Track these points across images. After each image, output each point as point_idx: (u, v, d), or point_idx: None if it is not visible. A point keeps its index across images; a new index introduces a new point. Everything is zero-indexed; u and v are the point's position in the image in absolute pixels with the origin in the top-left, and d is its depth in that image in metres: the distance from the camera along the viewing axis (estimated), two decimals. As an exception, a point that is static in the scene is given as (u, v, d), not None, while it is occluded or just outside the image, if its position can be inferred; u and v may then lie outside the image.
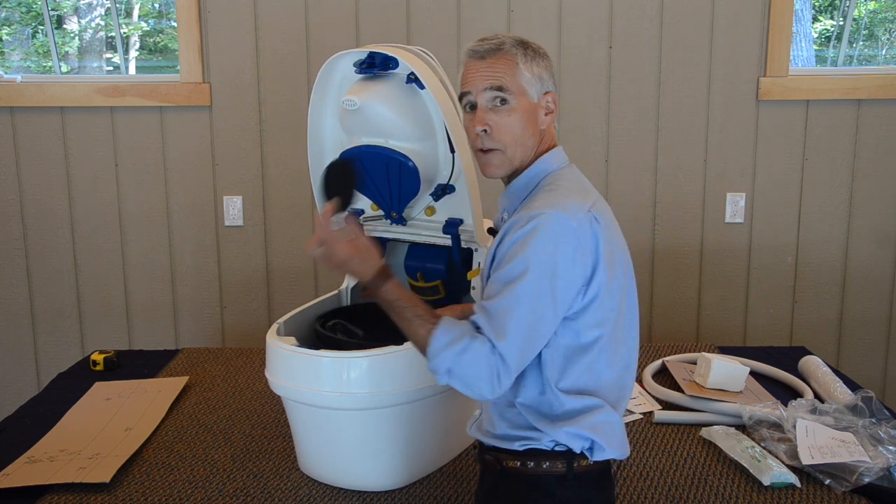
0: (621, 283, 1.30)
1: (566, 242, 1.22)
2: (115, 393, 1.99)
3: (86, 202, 2.84)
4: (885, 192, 2.80)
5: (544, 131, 1.37)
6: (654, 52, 2.73)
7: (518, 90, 1.31)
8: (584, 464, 1.28)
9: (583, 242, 1.24)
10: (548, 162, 1.36)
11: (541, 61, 1.34)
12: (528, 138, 1.34)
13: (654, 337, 2.87)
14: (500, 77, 1.31)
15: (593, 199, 1.31)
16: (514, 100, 1.31)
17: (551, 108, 1.36)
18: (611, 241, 1.29)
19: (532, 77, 1.32)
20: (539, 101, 1.34)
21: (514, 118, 1.32)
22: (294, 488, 1.56)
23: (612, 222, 1.34)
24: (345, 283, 1.92)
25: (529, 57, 1.32)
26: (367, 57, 1.67)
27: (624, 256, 1.34)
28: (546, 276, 1.21)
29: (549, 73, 1.36)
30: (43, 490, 1.52)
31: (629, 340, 1.35)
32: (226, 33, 2.74)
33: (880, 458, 1.54)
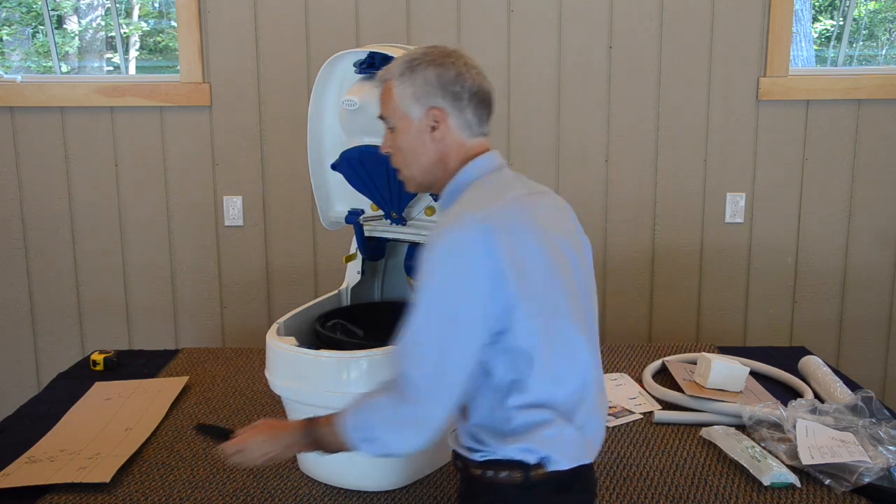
0: (543, 290, 1.23)
1: (457, 264, 1.19)
2: (115, 393, 1.99)
3: (86, 202, 2.84)
4: (885, 192, 2.80)
5: (446, 145, 1.33)
6: (654, 52, 2.73)
7: (398, 115, 1.34)
8: (541, 472, 1.24)
9: (475, 258, 1.18)
10: (465, 175, 1.33)
11: (421, 77, 1.31)
12: (419, 158, 1.34)
13: (654, 337, 2.87)
14: (383, 105, 1.36)
15: (497, 206, 1.24)
16: (397, 125, 1.34)
17: (435, 124, 1.32)
18: (522, 247, 1.22)
19: (408, 99, 1.32)
20: (422, 119, 1.32)
21: (401, 142, 1.35)
22: (294, 488, 1.56)
23: (526, 225, 1.25)
24: (345, 284, 1.92)
25: (407, 78, 1.31)
26: (367, 57, 1.67)
27: (554, 261, 1.27)
28: (444, 308, 1.19)
29: (435, 87, 1.31)
30: (43, 490, 1.52)
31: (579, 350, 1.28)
32: (226, 33, 2.74)
33: (880, 458, 1.54)
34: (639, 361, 2.18)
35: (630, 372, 2.11)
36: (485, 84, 1.35)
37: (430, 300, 1.20)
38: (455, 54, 1.34)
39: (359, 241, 1.88)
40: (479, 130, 1.36)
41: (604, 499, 1.50)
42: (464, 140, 1.34)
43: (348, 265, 1.93)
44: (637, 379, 2.05)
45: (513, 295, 1.20)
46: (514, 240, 1.22)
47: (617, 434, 1.76)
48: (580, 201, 2.81)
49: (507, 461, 1.25)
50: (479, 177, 1.33)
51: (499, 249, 1.19)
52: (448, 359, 1.19)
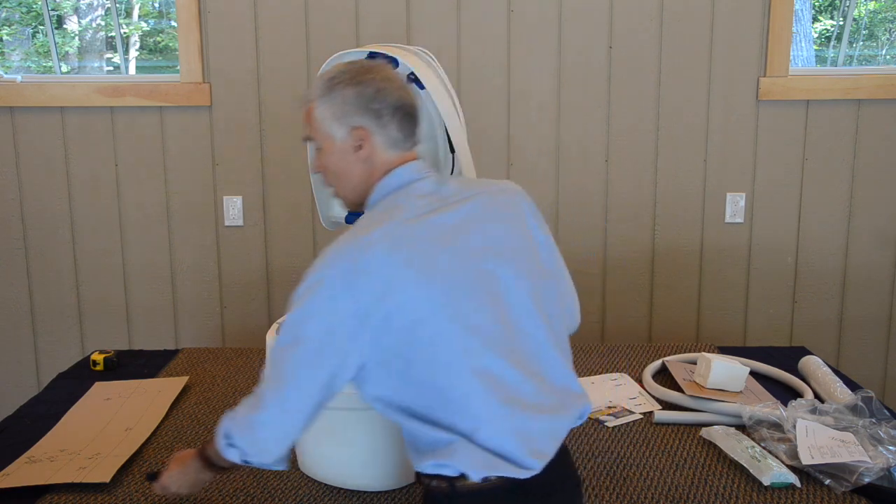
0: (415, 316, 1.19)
1: (321, 299, 1.19)
2: (115, 393, 1.99)
3: (86, 202, 2.84)
4: (885, 192, 2.80)
5: (372, 164, 1.32)
6: (654, 52, 2.73)
7: (322, 137, 1.33)
8: (466, 483, 1.20)
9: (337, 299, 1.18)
10: (377, 192, 1.33)
11: (340, 97, 1.30)
12: (347, 177, 1.34)
13: (654, 337, 2.87)
14: (306, 127, 1.36)
15: (368, 238, 1.21)
16: (322, 145, 1.34)
17: (360, 144, 1.31)
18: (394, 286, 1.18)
19: (330, 120, 1.31)
20: (346, 139, 1.31)
21: (327, 163, 1.35)
22: (294, 488, 1.56)
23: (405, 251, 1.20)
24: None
25: (327, 99, 1.31)
26: (367, 57, 1.67)
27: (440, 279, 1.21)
28: (302, 335, 1.19)
29: (355, 106, 1.30)
30: (43, 490, 1.52)
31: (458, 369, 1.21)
32: (226, 33, 2.74)
33: (880, 458, 1.54)
34: (639, 361, 2.18)
35: (630, 372, 2.11)
36: (406, 97, 1.33)
37: (294, 324, 1.21)
38: (374, 70, 1.33)
39: (358, 241, 1.88)
40: (406, 145, 1.34)
41: (604, 499, 1.50)
42: (390, 156, 1.33)
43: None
44: (637, 379, 2.05)
45: (377, 337, 1.18)
46: (386, 275, 1.18)
47: (617, 434, 1.76)
48: (580, 201, 2.81)
49: (434, 473, 1.24)
50: (384, 196, 1.32)
51: (364, 293, 1.17)
52: (293, 385, 1.21)
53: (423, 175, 1.34)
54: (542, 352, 1.30)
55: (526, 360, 1.26)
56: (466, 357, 1.21)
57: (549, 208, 2.81)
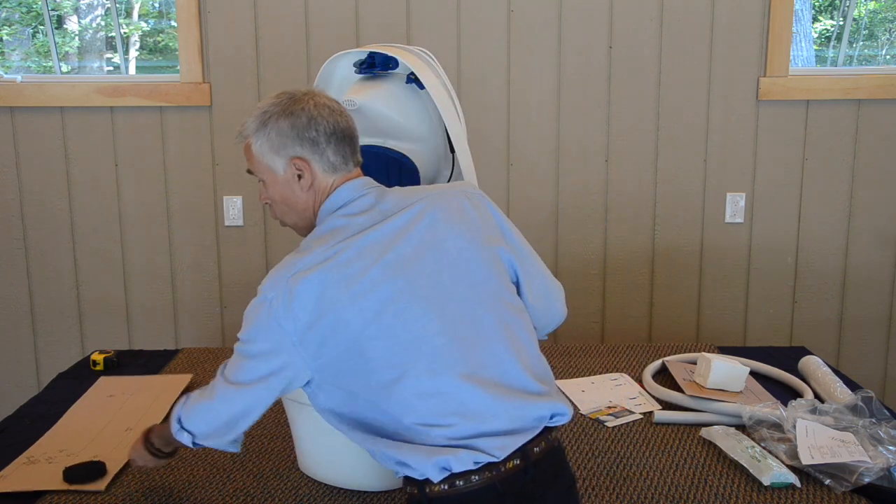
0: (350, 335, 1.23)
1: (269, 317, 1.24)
2: (119, 389, 1.99)
3: (86, 202, 2.84)
4: (885, 192, 2.80)
5: (315, 191, 1.35)
6: (654, 52, 2.73)
7: (263, 170, 1.36)
8: (436, 489, 1.22)
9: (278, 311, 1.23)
10: (321, 215, 1.36)
11: (274, 129, 1.32)
12: (293, 207, 1.37)
13: (654, 337, 2.87)
14: (248, 161, 1.39)
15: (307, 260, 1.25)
16: (266, 178, 1.37)
17: (300, 173, 1.34)
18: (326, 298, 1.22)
19: (268, 153, 1.34)
20: (286, 170, 1.34)
21: (273, 194, 1.38)
22: (294, 488, 1.56)
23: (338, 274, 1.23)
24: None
25: (262, 134, 1.33)
26: (367, 57, 1.67)
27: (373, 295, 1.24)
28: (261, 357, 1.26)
29: (291, 137, 1.32)
30: (43, 490, 1.52)
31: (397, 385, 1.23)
32: (226, 33, 2.74)
33: (880, 458, 1.54)
34: (639, 361, 2.18)
35: (630, 372, 2.11)
36: (341, 121, 1.35)
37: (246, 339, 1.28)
38: (305, 98, 1.34)
39: (358, 242, 1.88)
40: (346, 168, 1.37)
41: (603, 499, 1.50)
42: (331, 181, 1.36)
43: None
44: (637, 379, 2.05)
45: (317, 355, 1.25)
46: (315, 304, 1.22)
47: (617, 434, 1.76)
48: (580, 201, 2.81)
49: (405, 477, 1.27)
50: (324, 218, 1.35)
51: (300, 316, 1.23)
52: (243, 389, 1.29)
53: (363, 192, 1.35)
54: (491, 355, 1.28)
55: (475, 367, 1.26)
56: (404, 370, 1.23)
57: (549, 208, 2.81)
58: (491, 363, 1.27)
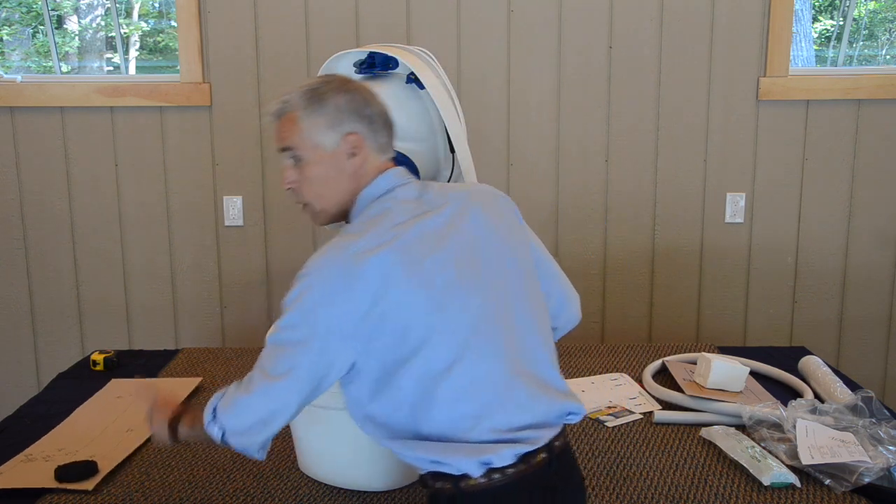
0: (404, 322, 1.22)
1: (323, 298, 1.20)
2: (128, 391, 1.99)
3: (86, 202, 2.85)
4: (885, 192, 2.80)
5: (357, 172, 1.33)
6: (654, 52, 2.73)
7: (308, 146, 1.31)
8: (471, 482, 1.22)
9: (339, 294, 1.20)
10: (362, 199, 1.33)
11: (332, 104, 1.31)
12: (333, 188, 1.33)
13: (654, 337, 2.87)
14: (287, 137, 1.33)
15: (362, 242, 1.22)
16: (307, 155, 1.32)
17: (355, 151, 1.32)
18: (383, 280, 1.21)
19: (321, 127, 1.30)
20: (337, 147, 1.31)
21: (312, 173, 1.33)
22: (294, 488, 1.56)
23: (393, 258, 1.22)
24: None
25: (315, 107, 1.30)
26: (367, 57, 1.67)
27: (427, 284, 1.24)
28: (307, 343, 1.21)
29: (347, 113, 1.31)
30: (44, 489, 1.52)
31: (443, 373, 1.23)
32: (226, 33, 2.74)
33: (880, 458, 1.54)
34: (639, 361, 2.18)
35: (630, 372, 2.11)
36: (385, 108, 1.37)
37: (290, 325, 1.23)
38: (353, 82, 1.36)
39: (358, 241, 1.88)
40: (390, 151, 1.37)
41: (604, 499, 1.50)
42: (379, 162, 1.35)
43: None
44: (637, 379, 2.05)
45: (370, 339, 1.21)
46: (378, 281, 1.20)
47: (617, 434, 1.76)
48: (580, 201, 2.81)
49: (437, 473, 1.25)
50: (371, 202, 1.32)
51: (360, 296, 1.20)
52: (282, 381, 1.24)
53: (405, 181, 1.35)
54: (530, 349, 1.32)
55: (513, 359, 1.29)
56: (458, 358, 1.24)
57: (549, 208, 2.81)
58: (530, 358, 1.31)
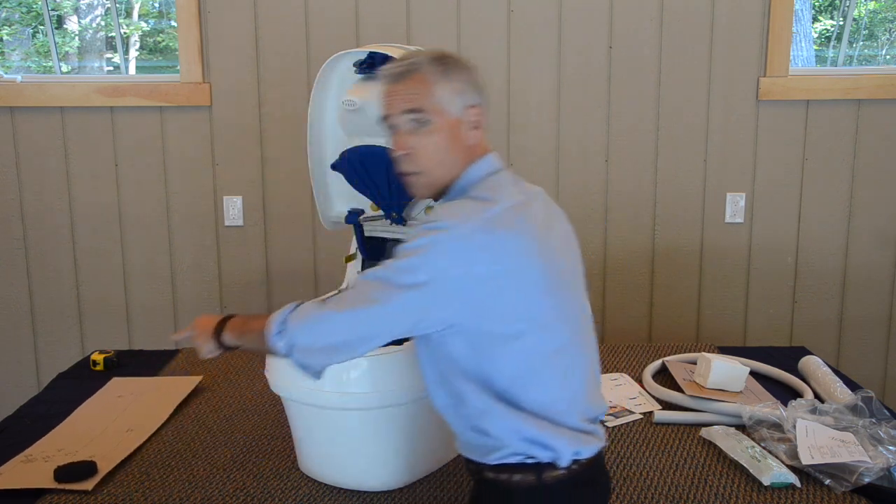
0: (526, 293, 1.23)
1: (456, 252, 1.19)
2: (129, 391, 1.99)
3: (86, 202, 2.84)
4: (885, 192, 2.80)
5: (472, 145, 1.33)
6: (654, 52, 2.73)
7: (436, 109, 1.29)
8: (554, 474, 1.25)
9: (472, 252, 1.19)
10: (474, 172, 1.32)
11: (460, 74, 1.31)
12: (450, 157, 1.31)
13: (654, 337, 2.87)
14: (415, 98, 1.29)
15: (496, 210, 1.23)
16: (433, 120, 1.29)
17: (478, 122, 1.33)
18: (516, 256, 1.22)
19: (450, 94, 1.29)
20: (462, 116, 1.31)
21: (433, 139, 1.29)
22: (294, 488, 1.56)
23: (521, 233, 1.24)
24: (345, 284, 1.92)
25: (447, 73, 1.29)
26: (367, 57, 1.67)
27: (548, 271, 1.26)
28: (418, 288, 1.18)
29: (471, 86, 1.32)
30: (44, 489, 1.52)
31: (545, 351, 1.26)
32: (226, 33, 2.74)
33: (880, 458, 1.54)
34: (639, 361, 2.18)
35: (630, 372, 2.11)
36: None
37: (409, 267, 1.19)
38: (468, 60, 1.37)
39: (359, 241, 1.88)
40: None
41: (604, 499, 1.50)
42: (482, 140, 1.35)
43: (348, 265, 1.93)
44: (637, 379, 2.05)
45: (484, 303, 1.20)
46: (513, 246, 1.21)
47: (617, 434, 1.76)
48: (580, 201, 2.81)
49: (520, 465, 1.25)
50: (484, 176, 1.31)
51: (493, 258, 1.19)
52: (375, 314, 1.21)
53: (503, 166, 1.37)
54: (595, 350, 1.39)
55: (592, 353, 1.37)
56: (555, 339, 1.27)
57: (549, 208, 2.81)
58: (596, 355, 1.40)
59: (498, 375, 1.24)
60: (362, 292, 1.22)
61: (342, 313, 1.22)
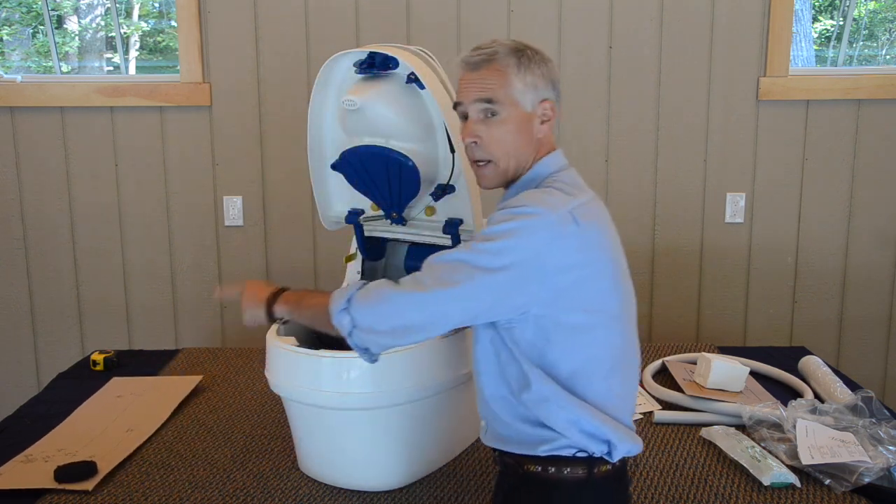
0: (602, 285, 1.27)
1: (545, 238, 1.20)
2: (128, 391, 1.99)
3: (86, 202, 2.84)
4: (885, 192, 2.80)
5: (541, 139, 1.34)
6: (654, 52, 2.73)
7: (509, 101, 1.30)
8: (603, 469, 1.27)
9: (561, 240, 1.21)
10: (545, 166, 1.33)
11: (537, 68, 1.31)
12: (520, 149, 1.32)
13: (654, 337, 2.87)
14: (490, 88, 1.29)
15: (579, 202, 1.26)
16: (505, 111, 1.30)
17: (548, 116, 1.33)
18: (597, 247, 1.27)
19: (525, 87, 1.30)
20: (534, 110, 1.32)
21: (504, 130, 1.30)
22: (294, 488, 1.56)
23: (598, 228, 1.29)
24: (345, 284, 1.92)
25: (524, 66, 1.30)
26: (367, 57, 1.67)
27: (617, 264, 1.32)
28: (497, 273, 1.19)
29: (546, 80, 1.32)
30: (44, 489, 1.52)
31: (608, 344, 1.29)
32: (226, 33, 2.74)
33: (880, 458, 1.54)
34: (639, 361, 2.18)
35: (630, 372, 2.11)
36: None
37: (489, 249, 1.19)
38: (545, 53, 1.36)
39: (359, 241, 1.88)
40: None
41: (604, 499, 1.50)
42: (549, 135, 1.36)
43: (348, 265, 1.93)
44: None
45: (561, 293, 1.21)
46: (593, 238, 1.25)
47: (617, 434, 1.76)
48: (580, 201, 2.81)
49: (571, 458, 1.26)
50: (556, 171, 1.33)
51: (578, 243, 1.22)
52: (447, 296, 1.20)
53: (568, 164, 1.37)
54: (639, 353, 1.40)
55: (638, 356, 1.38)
56: (621, 334, 1.30)
57: (549, 208, 2.81)
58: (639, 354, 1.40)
59: (564, 365, 1.25)
60: (439, 273, 1.21)
61: (414, 294, 1.21)
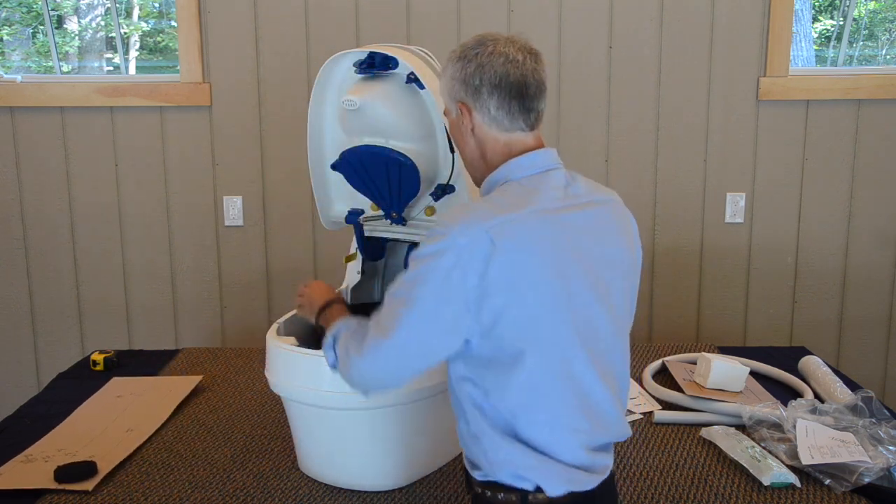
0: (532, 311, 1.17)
1: (446, 263, 1.15)
2: (128, 391, 1.99)
3: (86, 202, 2.84)
4: (885, 192, 2.80)
5: (481, 140, 1.29)
6: (654, 52, 2.73)
7: (445, 110, 1.37)
8: (540, 497, 1.20)
9: (469, 262, 1.14)
10: (507, 170, 1.27)
11: (447, 70, 1.31)
12: (468, 154, 1.34)
13: (654, 337, 2.87)
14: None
15: (504, 218, 1.17)
16: (447, 120, 1.38)
17: (465, 119, 1.29)
18: (522, 269, 1.16)
19: (445, 94, 1.33)
20: (457, 114, 1.31)
21: (451, 135, 1.38)
22: (294, 488, 1.56)
23: (525, 247, 1.17)
24: (345, 284, 1.92)
25: (443, 74, 1.33)
26: (367, 57, 1.67)
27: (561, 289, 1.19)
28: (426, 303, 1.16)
29: (458, 81, 1.28)
30: (43, 489, 1.52)
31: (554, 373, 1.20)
32: (226, 33, 2.74)
33: (880, 458, 1.54)
34: (639, 361, 2.18)
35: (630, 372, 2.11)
36: (513, 73, 1.25)
37: (412, 282, 1.18)
38: (489, 42, 1.27)
39: (359, 241, 1.88)
40: (513, 125, 1.27)
41: (604, 499, 1.50)
42: (497, 135, 1.28)
43: (348, 265, 1.93)
44: (637, 379, 2.05)
45: (500, 308, 1.15)
46: (516, 259, 1.15)
47: (617, 434, 1.76)
48: (580, 201, 2.81)
49: (505, 485, 1.22)
50: (516, 178, 1.26)
51: (494, 266, 1.14)
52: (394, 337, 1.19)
53: (557, 165, 1.30)
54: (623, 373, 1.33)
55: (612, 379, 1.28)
56: (565, 364, 1.21)
57: (549, 208, 2.81)
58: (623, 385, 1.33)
59: (495, 402, 1.20)
60: (381, 324, 1.21)
61: (363, 358, 1.23)
